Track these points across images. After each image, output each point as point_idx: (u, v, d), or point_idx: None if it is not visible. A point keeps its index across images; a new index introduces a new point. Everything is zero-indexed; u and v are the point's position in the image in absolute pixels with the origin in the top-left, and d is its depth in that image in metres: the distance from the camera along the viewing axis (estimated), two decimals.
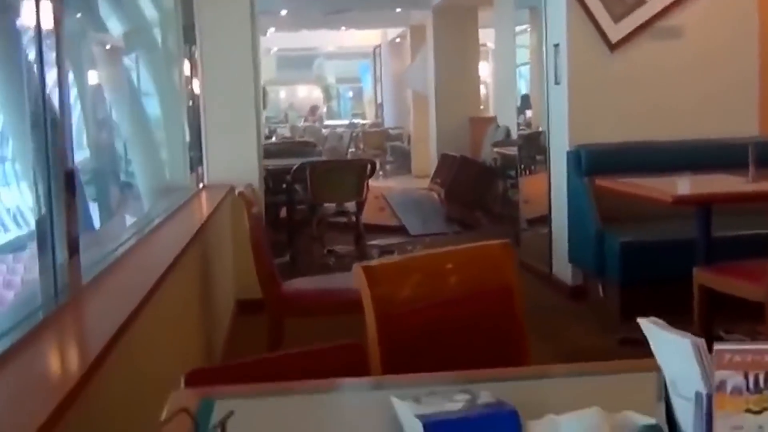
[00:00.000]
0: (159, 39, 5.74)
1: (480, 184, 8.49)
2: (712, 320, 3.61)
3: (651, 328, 1.00)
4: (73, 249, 2.02)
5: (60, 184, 1.97)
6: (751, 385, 0.91)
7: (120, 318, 1.82)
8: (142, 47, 5.94)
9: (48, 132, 1.94)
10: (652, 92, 5.15)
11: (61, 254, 1.96)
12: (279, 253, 6.42)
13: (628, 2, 5.09)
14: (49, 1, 1.95)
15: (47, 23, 1.94)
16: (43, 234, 1.96)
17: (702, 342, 0.93)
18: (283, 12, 13.18)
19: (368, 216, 7.21)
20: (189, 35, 5.02)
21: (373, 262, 1.71)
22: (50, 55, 1.97)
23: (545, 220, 5.60)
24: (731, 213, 3.96)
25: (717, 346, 0.91)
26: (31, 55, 1.97)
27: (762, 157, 3.80)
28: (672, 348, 0.96)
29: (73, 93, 4.76)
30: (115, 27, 6.35)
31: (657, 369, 1.01)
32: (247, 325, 4.49)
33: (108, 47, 6.68)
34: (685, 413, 0.96)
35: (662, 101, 5.14)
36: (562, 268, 5.28)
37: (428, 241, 7.55)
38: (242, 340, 4.36)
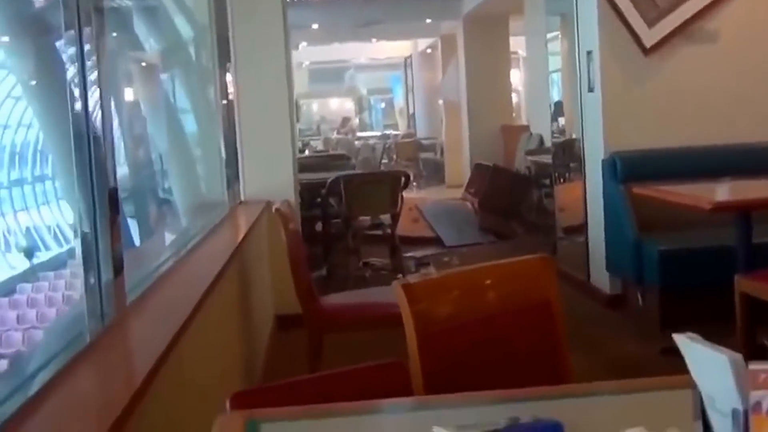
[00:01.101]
0: (194, 55, 5.82)
1: (514, 193, 8.46)
2: (755, 329, 3.56)
3: (687, 343, 0.99)
4: (118, 268, 2.05)
5: (104, 203, 1.99)
6: None
7: (165, 339, 1.84)
8: (177, 64, 6.03)
9: (91, 151, 1.96)
10: (688, 97, 5.10)
11: (106, 274, 1.99)
12: (315, 267, 6.46)
13: (661, 6, 5.06)
14: (92, 23, 1.99)
15: (89, 44, 1.98)
16: (88, 253, 1.99)
17: (740, 357, 0.93)
18: (315, 26, 13.30)
19: (403, 228, 7.22)
20: (223, 51, 5.08)
21: (412, 280, 1.72)
22: (92, 75, 2.00)
23: (581, 228, 5.57)
24: None
25: (751, 366, 0.90)
26: (72, 74, 2.01)
27: None
28: (709, 364, 0.96)
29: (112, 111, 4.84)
30: (152, 45, 6.45)
31: (693, 386, 1.01)
32: (286, 341, 4.52)
33: (144, 65, 6.79)
34: (724, 430, 0.95)
35: (699, 106, 5.10)
36: (600, 277, 5.25)
37: (464, 251, 7.54)
38: (282, 355, 4.39)
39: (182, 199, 5.67)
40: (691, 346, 0.99)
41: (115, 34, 5.44)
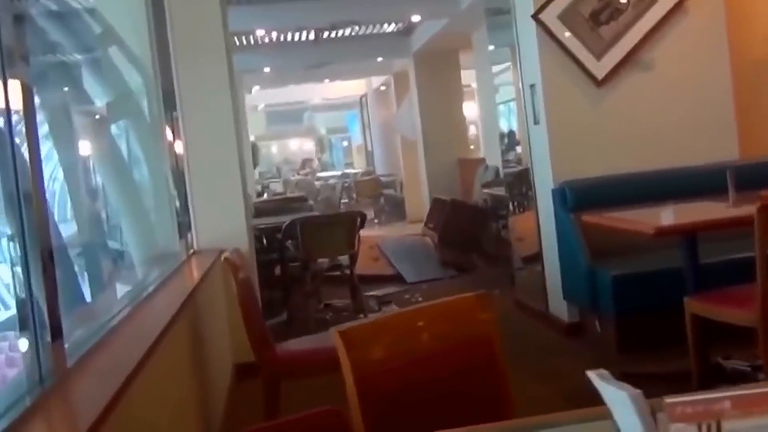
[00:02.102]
0: (144, 105, 5.81)
1: (473, 226, 8.52)
2: (708, 348, 3.60)
3: (597, 381, 1.02)
4: (56, 332, 2.01)
5: (38, 266, 1.96)
6: None
7: (106, 397, 1.82)
8: (127, 115, 6.00)
9: (22, 210, 1.92)
10: (633, 125, 5.20)
11: (43, 339, 1.96)
12: (275, 312, 6.43)
13: (605, 39, 5.17)
14: (22, 74, 1.95)
15: (16, 101, 1.94)
16: (24, 319, 1.96)
17: (639, 393, 0.95)
18: (266, 69, 13.36)
19: (363, 266, 7.23)
20: (169, 100, 5.07)
21: (347, 326, 1.72)
22: (21, 130, 1.96)
23: (538, 257, 5.61)
24: (717, 239, 3.97)
25: (667, 400, 0.92)
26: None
27: (742, 180, 3.83)
28: (617, 399, 0.98)
29: (58, 167, 4.80)
30: (100, 97, 6.42)
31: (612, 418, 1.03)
32: (246, 389, 4.47)
33: (94, 117, 6.75)
34: None
35: (643, 133, 5.20)
36: (558, 306, 5.28)
37: (425, 287, 7.56)
38: (241, 405, 4.34)
39: (137, 251, 5.61)
40: (601, 384, 1.01)
41: (65, 89, 5.42)
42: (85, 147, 6.35)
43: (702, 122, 5.24)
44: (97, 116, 6.73)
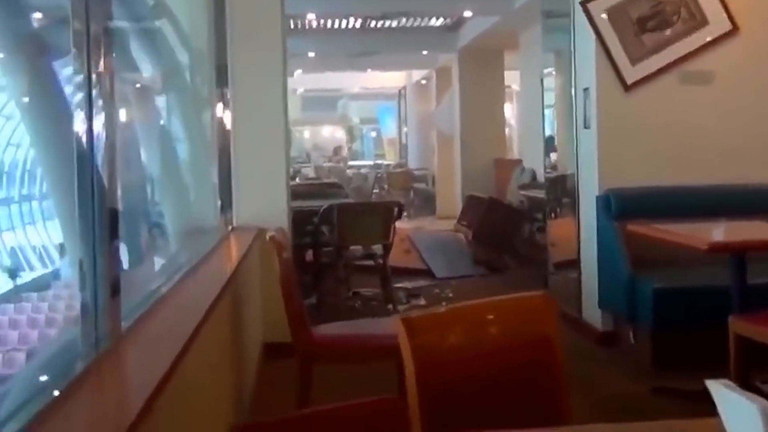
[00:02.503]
0: (190, 80, 5.82)
1: (508, 227, 8.47)
2: (748, 370, 3.55)
3: (719, 389, 0.98)
4: (115, 290, 2.02)
5: (103, 224, 1.97)
6: None
7: (162, 368, 1.81)
8: (173, 88, 6.02)
9: (94, 172, 1.94)
10: (684, 136, 5.14)
11: (103, 297, 1.96)
12: (305, 296, 6.42)
13: (647, 46, 5.10)
14: (101, 45, 1.98)
15: (96, 66, 1.96)
16: (84, 275, 1.96)
17: None
18: (311, 54, 13.35)
19: (394, 258, 7.20)
20: (221, 77, 5.08)
21: (413, 315, 1.71)
22: (98, 97, 1.98)
23: (573, 263, 5.56)
24: (765, 259, 3.91)
25: None
26: (76, 95, 1.99)
27: None
28: (740, 411, 0.95)
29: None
30: (148, 68, 6.45)
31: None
32: (274, 369, 4.47)
33: (139, 87, 6.79)
34: None
35: (694, 145, 5.13)
36: (592, 313, 5.23)
37: (454, 284, 7.52)
38: (271, 385, 4.34)
39: (174, 223, 5.63)
40: (723, 393, 0.98)
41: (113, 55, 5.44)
42: (130, 116, 6.38)
43: (757, 140, 5.15)
44: (143, 86, 6.76)
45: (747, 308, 3.60)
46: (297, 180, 12.77)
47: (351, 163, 20.62)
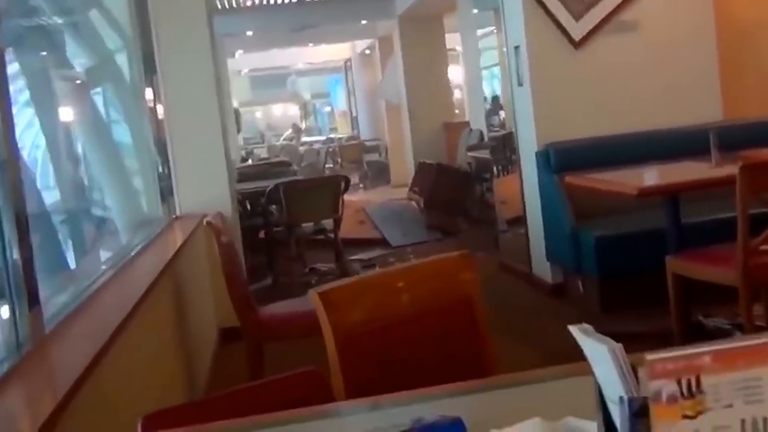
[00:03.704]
0: (125, 69, 5.74)
1: (458, 190, 8.51)
2: (689, 307, 3.63)
3: (579, 334, 1.00)
4: (33, 299, 1.99)
5: (14, 232, 1.94)
6: (684, 390, 0.92)
7: (86, 360, 1.81)
8: (108, 79, 5.93)
9: None
10: (616, 87, 5.18)
11: (21, 305, 1.94)
12: (261, 277, 6.42)
13: (585, 1, 5.13)
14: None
15: None
16: (1, 286, 1.94)
17: (619, 347, 0.94)
18: (249, 33, 13.21)
19: (349, 230, 7.22)
20: (149, 64, 5.00)
21: (327, 287, 1.71)
22: None
23: (521, 220, 5.61)
24: (699, 199, 3.98)
25: (648, 356, 0.91)
26: None
27: (726, 141, 3.83)
28: (598, 353, 0.97)
29: (40, 134, 4.74)
30: (81, 62, 6.34)
31: (593, 374, 1.02)
32: (231, 353, 4.47)
33: (75, 83, 6.67)
34: (616, 417, 0.97)
35: (627, 94, 5.18)
36: (542, 267, 5.30)
37: (410, 251, 7.56)
38: (226, 368, 4.34)
39: (120, 216, 5.57)
40: (582, 338, 1.00)
41: (44, 53, 5.33)
42: (67, 112, 6.27)
43: (686, 84, 5.22)
44: (78, 81, 6.64)
45: (684, 248, 3.67)
46: (250, 161, 12.70)
47: (304, 139, 20.50)
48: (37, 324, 1.99)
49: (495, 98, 8.19)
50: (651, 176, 3.99)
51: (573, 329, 1.03)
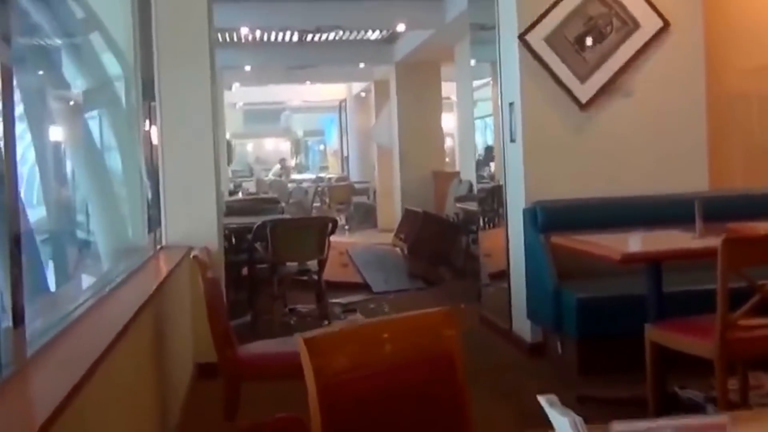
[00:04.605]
0: (122, 95, 5.77)
1: (443, 240, 8.55)
2: (665, 376, 3.65)
3: (545, 404, 1.06)
4: (18, 320, 2.00)
5: (4, 250, 1.94)
6: None
7: (65, 389, 1.80)
8: (103, 103, 5.95)
9: None
10: (608, 150, 5.26)
11: (5, 324, 1.94)
12: (240, 313, 6.40)
13: (589, 62, 5.23)
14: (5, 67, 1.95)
15: None
16: None
17: (579, 420, 0.98)
18: (247, 67, 13.32)
19: (331, 272, 7.22)
20: (148, 91, 5.04)
21: (313, 333, 1.73)
22: None
23: (505, 275, 5.64)
24: (682, 268, 4.02)
25: (614, 426, 0.95)
26: None
27: (711, 211, 3.88)
28: (561, 424, 1.02)
29: (29, 149, 4.74)
30: (78, 83, 6.36)
31: None
32: (206, 389, 4.45)
33: (69, 103, 6.69)
34: None
35: (617, 158, 5.26)
36: (522, 324, 5.31)
37: (392, 297, 7.57)
38: (201, 404, 4.32)
39: (104, 242, 5.55)
40: (548, 409, 1.05)
41: (41, 72, 5.36)
42: (59, 132, 6.28)
43: (675, 151, 5.30)
44: (74, 102, 6.66)
45: (663, 316, 3.70)
46: (240, 195, 12.70)
47: (293, 177, 20.56)
48: (20, 346, 1.99)
49: (488, 149, 8.26)
50: (635, 242, 4.03)
51: (541, 399, 1.07)
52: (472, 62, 7.76)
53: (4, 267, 1.94)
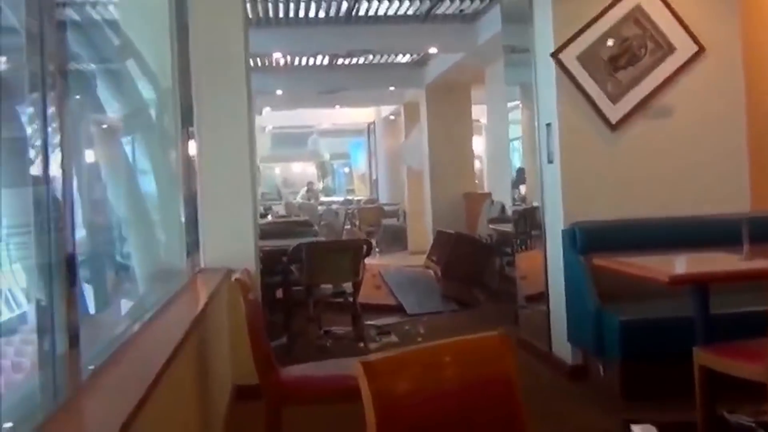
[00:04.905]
0: (156, 119, 5.82)
1: (477, 261, 8.49)
2: (714, 400, 3.57)
3: None
4: (74, 341, 2.00)
5: (61, 271, 1.95)
6: None
7: (122, 414, 1.79)
8: (139, 128, 6.01)
9: (50, 216, 1.92)
10: (646, 169, 5.21)
11: (61, 346, 1.94)
12: (275, 336, 6.39)
13: (623, 83, 5.20)
14: (56, 86, 1.97)
15: (52, 107, 1.95)
16: (43, 324, 1.94)
17: None
18: (279, 92, 13.41)
19: (365, 295, 7.19)
20: (186, 116, 5.08)
21: (372, 357, 1.71)
22: (55, 139, 1.97)
23: (543, 297, 5.59)
24: (729, 290, 3.96)
25: None
26: (33, 137, 1.98)
27: (755, 234, 3.82)
28: None
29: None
30: (114, 108, 6.43)
31: None
32: (244, 412, 4.43)
33: (105, 127, 6.76)
34: None
35: (656, 179, 5.21)
36: (562, 347, 5.25)
37: (426, 320, 7.52)
38: (240, 427, 4.30)
39: (141, 265, 5.58)
40: None
41: (77, 97, 5.42)
42: (96, 156, 6.34)
43: (715, 172, 5.25)
44: (109, 126, 6.73)
45: (711, 339, 3.63)
46: (269, 217, 12.73)
47: (322, 199, 20.61)
48: (75, 369, 1.98)
49: (519, 171, 8.22)
50: (681, 264, 3.97)
51: (636, 428, 1.04)
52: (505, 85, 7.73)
53: (60, 287, 1.95)
